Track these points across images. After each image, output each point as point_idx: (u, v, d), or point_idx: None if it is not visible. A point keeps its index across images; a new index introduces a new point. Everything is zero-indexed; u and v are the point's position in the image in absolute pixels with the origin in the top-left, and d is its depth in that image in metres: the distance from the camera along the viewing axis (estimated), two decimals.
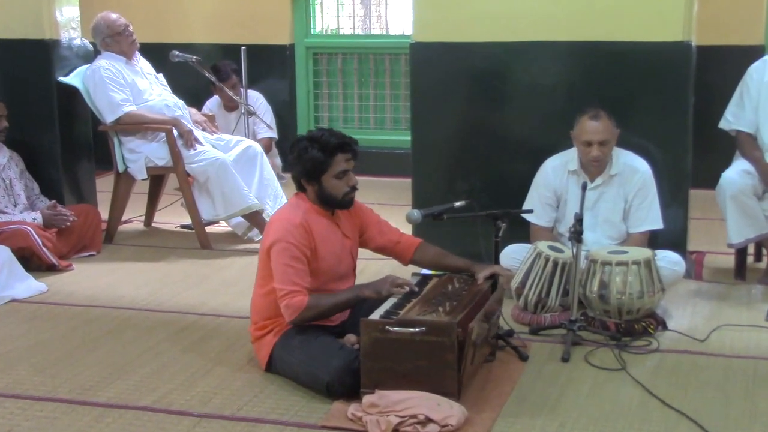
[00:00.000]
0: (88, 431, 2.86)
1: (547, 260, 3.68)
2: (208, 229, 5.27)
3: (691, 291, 4.14)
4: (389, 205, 5.97)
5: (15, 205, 4.77)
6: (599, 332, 3.53)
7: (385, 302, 3.10)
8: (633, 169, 3.86)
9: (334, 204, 3.20)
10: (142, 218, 5.67)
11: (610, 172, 3.86)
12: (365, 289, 3.15)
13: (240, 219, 5.13)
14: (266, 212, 5.11)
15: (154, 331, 3.76)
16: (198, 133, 5.16)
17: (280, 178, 5.84)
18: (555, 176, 3.93)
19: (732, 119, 4.24)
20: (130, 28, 5.12)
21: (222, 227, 5.51)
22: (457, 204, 3.46)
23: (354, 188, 3.20)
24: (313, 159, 3.11)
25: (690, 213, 4.30)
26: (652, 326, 3.60)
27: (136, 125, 5.04)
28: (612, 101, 4.03)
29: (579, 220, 3.40)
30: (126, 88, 5.04)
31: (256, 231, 5.13)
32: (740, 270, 4.30)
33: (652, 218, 3.87)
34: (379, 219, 3.45)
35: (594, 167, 3.83)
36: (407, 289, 3.12)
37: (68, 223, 4.75)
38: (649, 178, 3.87)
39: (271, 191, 5.24)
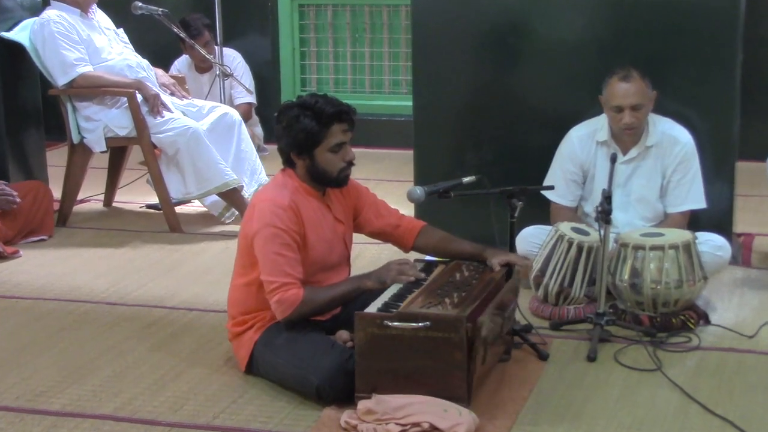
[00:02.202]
0: None
1: (570, 244, 3.68)
2: (178, 209, 5.27)
3: (738, 279, 4.15)
4: (387, 181, 5.97)
5: None
6: (631, 327, 3.54)
7: (383, 293, 3.11)
8: (673, 139, 3.86)
9: (328, 181, 3.20)
10: (101, 197, 5.67)
11: (647, 143, 3.86)
12: (367, 279, 3.16)
13: (216, 197, 5.13)
14: (244, 189, 5.11)
15: (115, 327, 3.76)
16: (165, 98, 5.14)
17: (260, 150, 5.84)
18: (581, 148, 3.93)
19: None
20: None
21: (194, 207, 5.51)
22: (466, 180, 3.46)
23: (351, 163, 3.20)
24: (305, 129, 3.10)
25: (736, 189, 4.30)
26: (692, 320, 3.61)
27: (92, 89, 5.03)
28: (646, 60, 4.03)
29: (607, 197, 3.41)
30: (81, 45, 5.02)
31: (233, 211, 5.13)
32: None
33: (693, 196, 3.88)
34: (375, 199, 3.45)
35: (628, 136, 3.83)
36: (414, 278, 3.13)
37: (14, 205, 4.75)
38: (692, 150, 3.87)
39: (248, 166, 5.24)
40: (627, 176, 3.89)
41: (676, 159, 3.85)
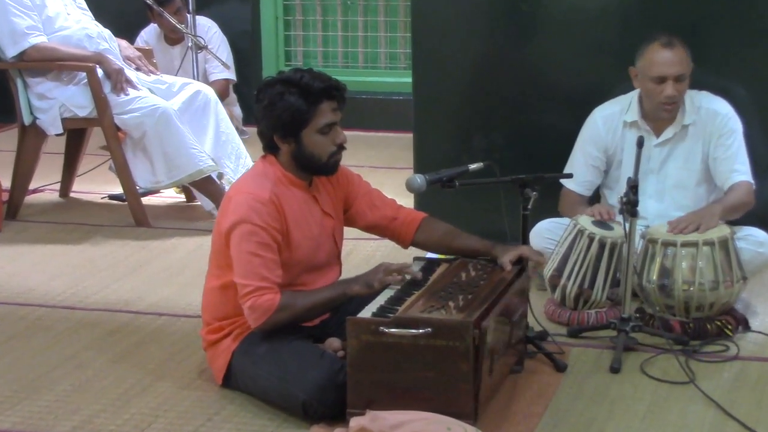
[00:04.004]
0: None
1: (591, 240, 3.69)
2: (146, 200, 5.27)
3: None
4: (383, 169, 5.97)
5: None
6: (660, 334, 3.54)
7: (379, 296, 3.11)
8: (712, 112, 3.86)
9: (316, 168, 3.20)
10: (57, 186, 5.66)
11: (684, 121, 3.86)
12: (353, 284, 3.15)
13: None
14: (226, 177, 5.11)
15: (74, 335, 3.76)
16: (131, 73, 5.14)
17: (240, 133, 5.83)
18: (606, 129, 3.94)
19: None
20: None
21: (164, 198, 5.51)
22: (473, 167, 3.45)
23: (342, 147, 3.20)
24: (290, 108, 3.10)
25: None
26: (729, 326, 3.62)
27: (46, 62, 5.02)
28: (680, 28, 4.01)
29: (633, 186, 3.41)
30: (33, 11, 5.01)
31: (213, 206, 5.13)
32: None
33: (743, 169, 3.84)
34: (369, 188, 3.45)
35: (666, 113, 3.83)
36: (407, 276, 3.13)
37: None
38: (734, 120, 3.86)
39: (231, 149, 5.23)
40: (662, 160, 3.89)
41: (717, 131, 3.84)
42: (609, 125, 3.94)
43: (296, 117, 3.11)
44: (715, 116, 3.85)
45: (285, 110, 3.10)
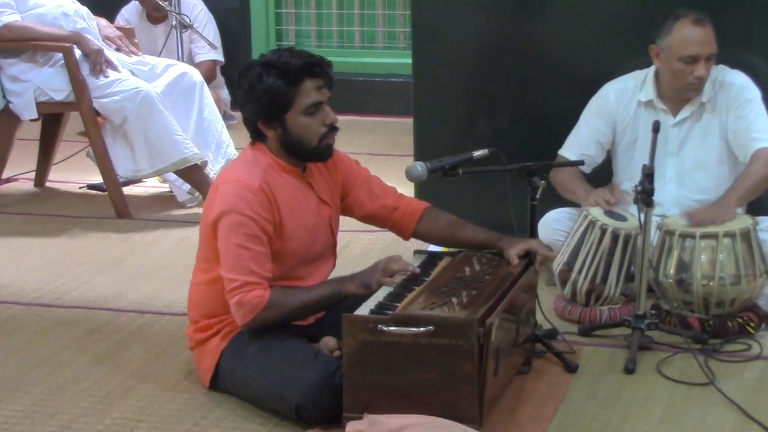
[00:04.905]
0: None
1: (603, 232, 3.69)
2: (127, 190, 5.26)
3: None
4: (382, 156, 5.97)
5: None
6: (677, 332, 3.55)
7: (377, 292, 3.11)
8: (727, 85, 3.87)
9: (307, 153, 3.19)
10: (32, 175, 5.66)
11: (702, 98, 3.86)
12: (349, 283, 3.16)
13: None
14: (208, 166, 5.11)
15: (51, 334, 3.76)
16: (110, 54, 5.13)
17: (227, 118, 5.84)
18: (618, 104, 3.94)
19: None
20: None
21: (147, 187, 5.50)
22: (477, 154, 3.45)
23: (333, 128, 3.19)
24: (270, 90, 3.09)
25: None
26: (752, 323, 3.63)
27: (20, 42, 5.01)
28: (697, 2, 3.99)
29: (648, 174, 3.41)
30: None
31: (198, 194, 5.12)
32: None
33: (763, 136, 3.81)
34: (368, 175, 3.45)
35: (694, 93, 3.83)
36: (405, 274, 3.13)
37: None
38: (749, 89, 3.85)
39: (213, 137, 5.24)
40: (680, 141, 3.89)
41: (734, 104, 3.84)
42: (621, 100, 3.94)
43: (277, 99, 3.10)
44: (730, 88, 3.86)
45: (264, 93, 3.09)
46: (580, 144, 3.96)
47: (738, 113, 3.84)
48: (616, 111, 3.94)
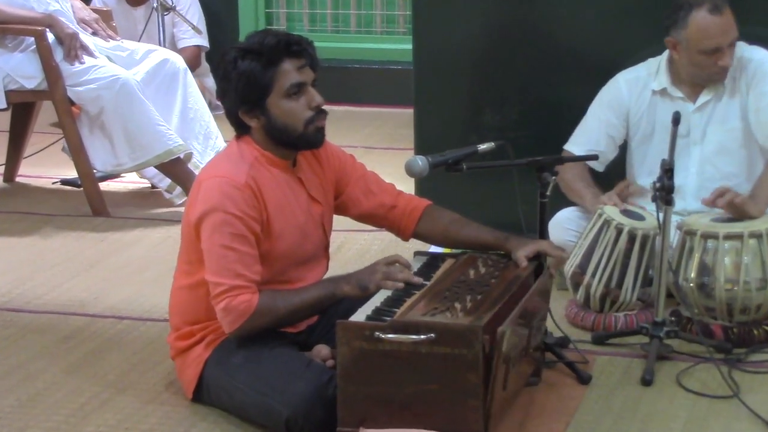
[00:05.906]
0: None
1: (619, 232, 3.69)
2: (104, 185, 5.26)
3: None
4: (379, 149, 5.97)
5: None
6: (699, 341, 3.55)
7: (375, 296, 3.11)
8: (745, 61, 3.88)
9: (294, 140, 3.18)
10: (1, 170, 5.66)
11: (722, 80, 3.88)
12: (344, 283, 3.15)
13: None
14: (193, 160, 5.11)
15: (20, 341, 3.76)
16: (86, 38, 5.13)
17: (213, 108, 5.82)
18: (630, 94, 3.95)
19: None
20: None
21: (126, 182, 5.50)
22: (483, 147, 3.45)
23: (321, 111, 3.18)
24: (246, 74, 3.09)
25: None
26: None
27: None
28: None
29: (668, 170, 3.40)
30: None
31: (179, 190, 5.12)
32: None
33: None
34: (364, 172, 3.45)
35: (721, 79, 3.84)
36: (406, 282, 3.13)
37: None
38: None
39: (200, 128, 5.25)
40: (702, 128, 3.90)
41: (753, 80, 3.85)
42: (633, 89, 3.95)
43: (253, 84, 3.09)
44: (748, 64, 3.87)
45: (240, 78, 3.09)
46: (588, 138, 3.96)
47: (760, 90, 3.84)
48: (628, 102, 3.94)
